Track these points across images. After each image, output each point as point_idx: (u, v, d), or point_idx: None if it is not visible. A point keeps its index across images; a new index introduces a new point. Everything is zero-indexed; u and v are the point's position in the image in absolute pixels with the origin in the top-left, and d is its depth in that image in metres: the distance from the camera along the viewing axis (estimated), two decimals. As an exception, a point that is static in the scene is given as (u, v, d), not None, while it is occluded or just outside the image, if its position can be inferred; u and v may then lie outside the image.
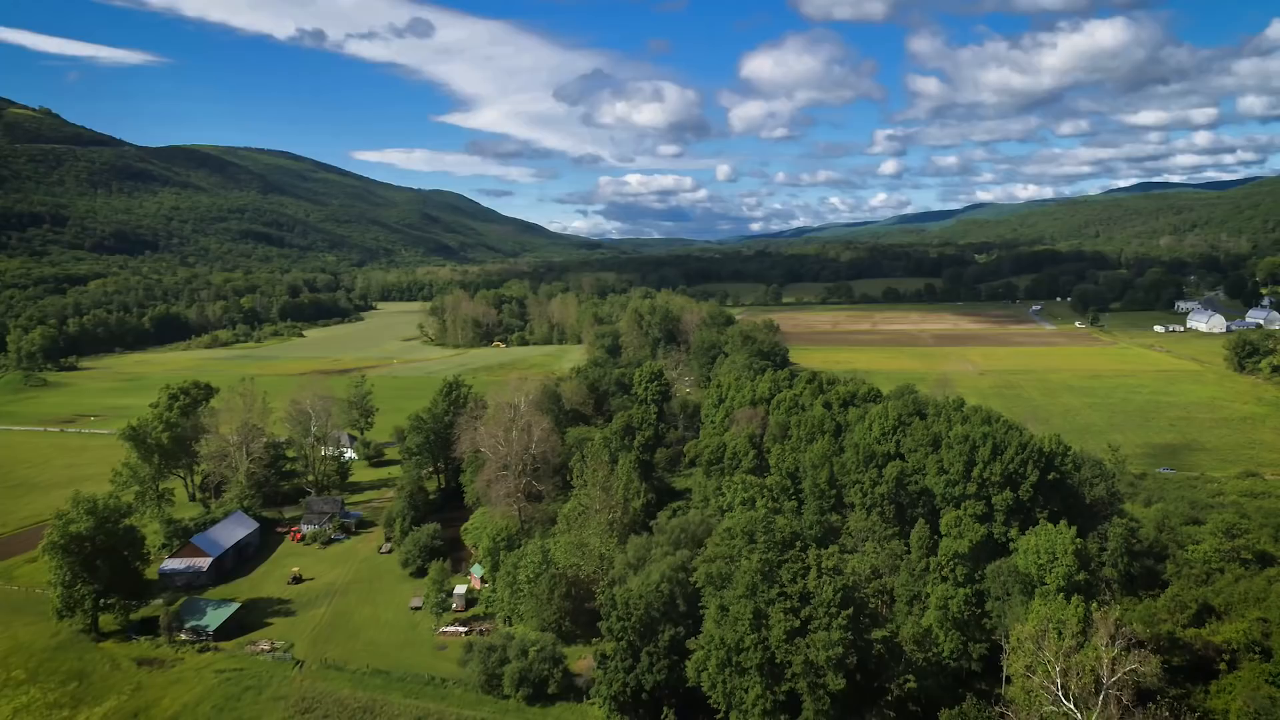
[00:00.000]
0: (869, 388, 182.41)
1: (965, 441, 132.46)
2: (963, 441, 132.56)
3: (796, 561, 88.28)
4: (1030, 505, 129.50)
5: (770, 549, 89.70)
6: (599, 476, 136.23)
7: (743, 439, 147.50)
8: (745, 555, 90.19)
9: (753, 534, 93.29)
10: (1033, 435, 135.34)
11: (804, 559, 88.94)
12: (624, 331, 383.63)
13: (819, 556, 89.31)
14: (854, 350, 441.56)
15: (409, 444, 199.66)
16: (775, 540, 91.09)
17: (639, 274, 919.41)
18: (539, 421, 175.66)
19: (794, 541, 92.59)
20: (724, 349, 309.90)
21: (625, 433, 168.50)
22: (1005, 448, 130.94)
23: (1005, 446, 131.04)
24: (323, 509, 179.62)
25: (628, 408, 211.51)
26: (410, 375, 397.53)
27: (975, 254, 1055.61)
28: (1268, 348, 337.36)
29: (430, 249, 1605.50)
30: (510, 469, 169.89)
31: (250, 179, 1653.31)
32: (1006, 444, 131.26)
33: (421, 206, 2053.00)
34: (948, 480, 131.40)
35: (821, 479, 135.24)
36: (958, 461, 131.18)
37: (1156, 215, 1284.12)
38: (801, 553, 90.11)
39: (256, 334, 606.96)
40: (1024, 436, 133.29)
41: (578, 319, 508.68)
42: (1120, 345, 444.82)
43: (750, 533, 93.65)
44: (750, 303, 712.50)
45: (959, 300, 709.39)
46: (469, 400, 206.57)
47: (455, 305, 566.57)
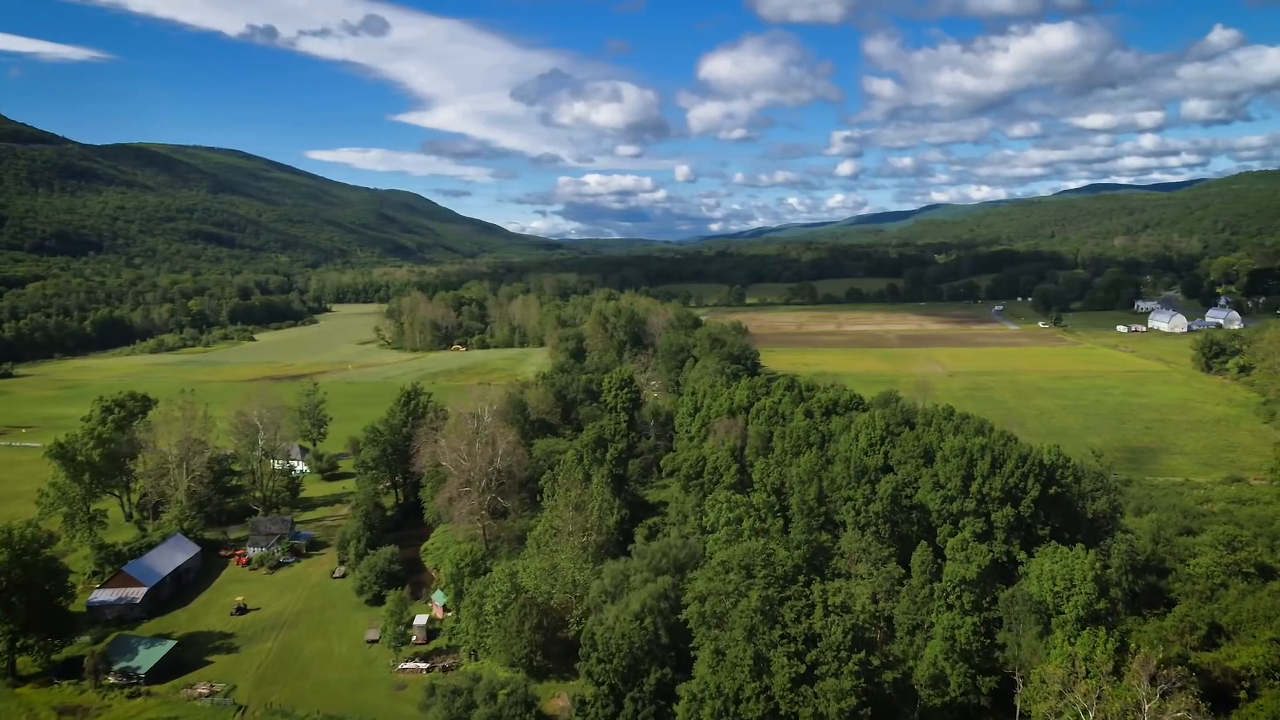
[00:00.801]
0: (851, 395, 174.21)
1: (962, 454, 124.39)
2: (959, 454, 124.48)
3: (800, 598, 79.13)
4: (1031, 521, 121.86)
5: (770, 584, 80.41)
6: (571, 496, 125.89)
7: (724, 452, 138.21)
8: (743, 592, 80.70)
9: (750, 568, 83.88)
10: (1031, 447, 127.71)
11: (808, 595, 79.84)
12: (588, 334, 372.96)
13: (824, 592, 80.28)
14: (821, 352, 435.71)
15: (364, 457, 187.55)
16: (776, 575, 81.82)
17: (600, 274, 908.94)
18: (504, 433, 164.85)
19: (796, 576, 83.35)
20: (692, 352, 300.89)
21: (597, 445, 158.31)
22: (1004, 461, 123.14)
23: (1004, 459, 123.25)
24: (270, 530, 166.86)
25: (597, 416, 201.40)
26: (366, 380, 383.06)
27: (934, 254, 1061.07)
28: (1234, 348, 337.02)
29: (387, 249, 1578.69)
30: (474, 485, 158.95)
31: (200, 178, 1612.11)
32: (1005, 456, 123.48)
33: (378, 206, 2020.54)
34: (944, 496, 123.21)
35: (810, 495, 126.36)
36: (955, 476, 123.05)
37: (1109, 216, 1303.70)
38: (805, 588, 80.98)
39: (205, 338, 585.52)
40: (1023, 448, 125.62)
41: (540, 321, 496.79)
42: (1085, 345, 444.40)
43: (748, 566, 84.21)
44: (714, 303, 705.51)
45: (921, 300, 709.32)
46: (428, 410, 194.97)
47: (413, 307, 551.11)
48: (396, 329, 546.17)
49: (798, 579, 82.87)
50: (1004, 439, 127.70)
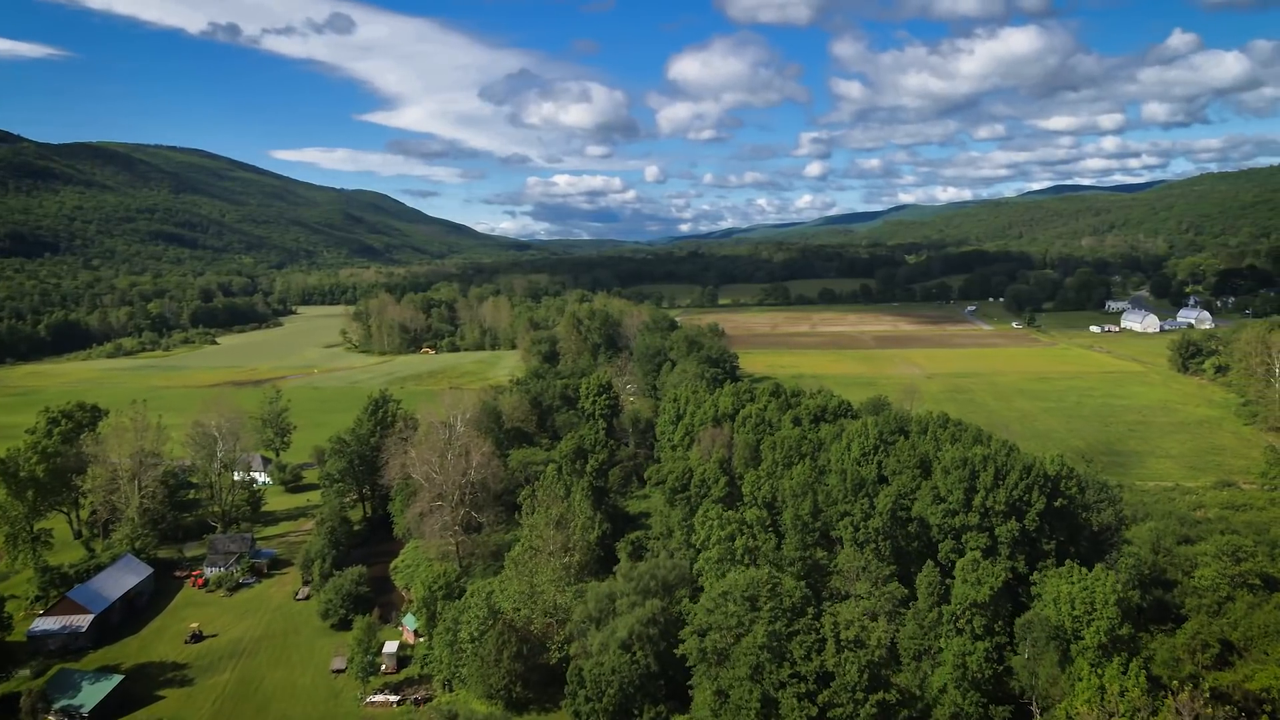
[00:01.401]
0: (839, 401, 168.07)
1: (964, 466, 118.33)
2: (961, 466, 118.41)
3: (810, 632, 72.21)
4: (1036, 536, 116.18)
5: (777, 617, 73.41)
6: (552, 513, 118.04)
7: (712, 464, 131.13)
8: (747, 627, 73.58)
9: (755, 599, 76.80)
10: (1035, 457, 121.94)
11: (818, 629, 72.90)
12: (562, 337, 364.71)
13: (837, 626, 73.38)
14: (797, 353, 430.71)
15: (330, 469, 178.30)
16: (783, 606, 74.83)
17: (571, 275, 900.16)
18: (478, 444, 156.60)
19: (805, 607, 76.40)
20: (669, 355, 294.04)
21: (576, 456, 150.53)
22: (1008, 472, 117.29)
23: (1008, 471, 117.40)
24: (229, 548, 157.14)
25: (575, 424, 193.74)
26: (332, 386, 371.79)
27: (905, 255, 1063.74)
28: (1210, 349, 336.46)
29: (354, 250, 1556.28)
30: (446, 499, 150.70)
31: (161, 177, 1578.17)
32: (1009, 468, 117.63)
33: (344, 206, 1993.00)
34: (946, 509, 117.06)
35: (804, 510, 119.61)
36: (957, 489, 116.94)
37: (1076, 217, 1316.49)
38: (815, 620, 74.07)
39: (165, 341, 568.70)
40: (1026, 459, 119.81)
41: (511, 323, 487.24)
42: (1060, 346, 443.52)
43: (752, 597, 77.12)
44: (687, 304, 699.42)
45: (894, 301, 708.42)
46: (397, 419, 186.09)
47: (381, 309, 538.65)
48: (364, 332, 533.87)
49: (806, 610, 75.93)
50: (1006, 449, 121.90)
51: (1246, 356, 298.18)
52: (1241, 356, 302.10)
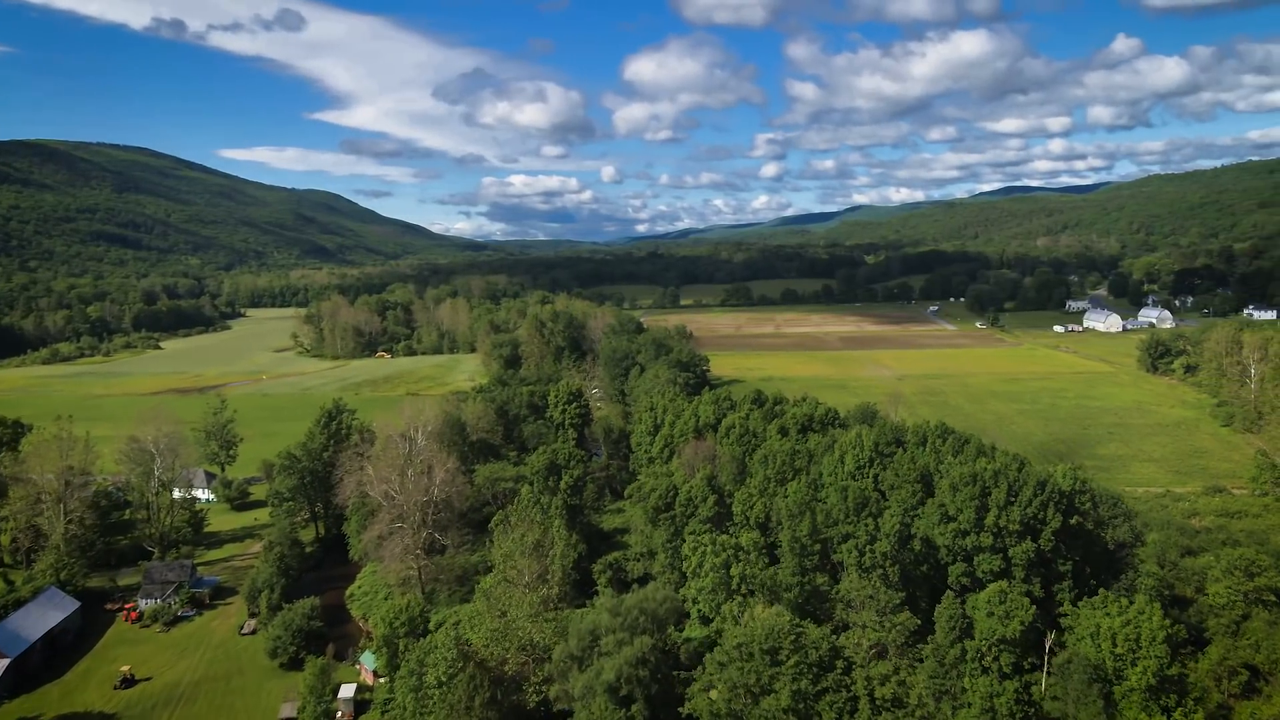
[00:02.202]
0: (826, 409, 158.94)
1: (974, 482, 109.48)
2: (970, 482, 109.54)
3: (840, 690, 62.29)
4: (1052, 556, 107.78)
5: (803, 674, 63.41)
6: (528, 541, 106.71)
7: (699, 482, 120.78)
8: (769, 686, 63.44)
9: (776, 652, 66.76)
10: (1049, 471, 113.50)
11: (849, 685, 63.04)
12: (524, 340, 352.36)
13: (870, 682, 63.58)
14: (764, 355, 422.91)
15: (279, 487, 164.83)
16: (808, 660, 64.86)
17: (529, 276, 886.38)
18: (441, 459, 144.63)
19: (834, 661, 66.51)
20: (637, 359, 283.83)
21: (549, 472, 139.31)
22: (1021, 488, 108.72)
23: (1020, 487, 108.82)
24: (166, 577, 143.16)
25: (543, 434, 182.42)
26: (282, 393, 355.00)
27: (863, 255, 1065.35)
28: (1178, 348, 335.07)
29: (305, 251, 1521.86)
30: (407, 520, 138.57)
31: (104, 176, 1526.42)
32: (1022, 484, 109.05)
33: (295, 206, 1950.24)
34: (956, 530, 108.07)
35: (802, 531, 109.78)
36: (968, 507, 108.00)
37: (1029, 217, 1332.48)
38: (845, 675, 64.17)
39: (105, 346, 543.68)
40: (1040, 473, 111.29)
41: (470, 326, 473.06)
42: (1026, 346, 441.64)
43: (773, 651, 67.06)
44: (648, 305, 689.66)
45: (856, 301, 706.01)
46: (353, 431, 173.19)
47: (334, 312, 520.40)
48: (316, 335, 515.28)
49: (835, 664, 66.04)
50: (1017, 463, 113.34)
51: (1217, 357, 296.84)
52: (1211, 357, 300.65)
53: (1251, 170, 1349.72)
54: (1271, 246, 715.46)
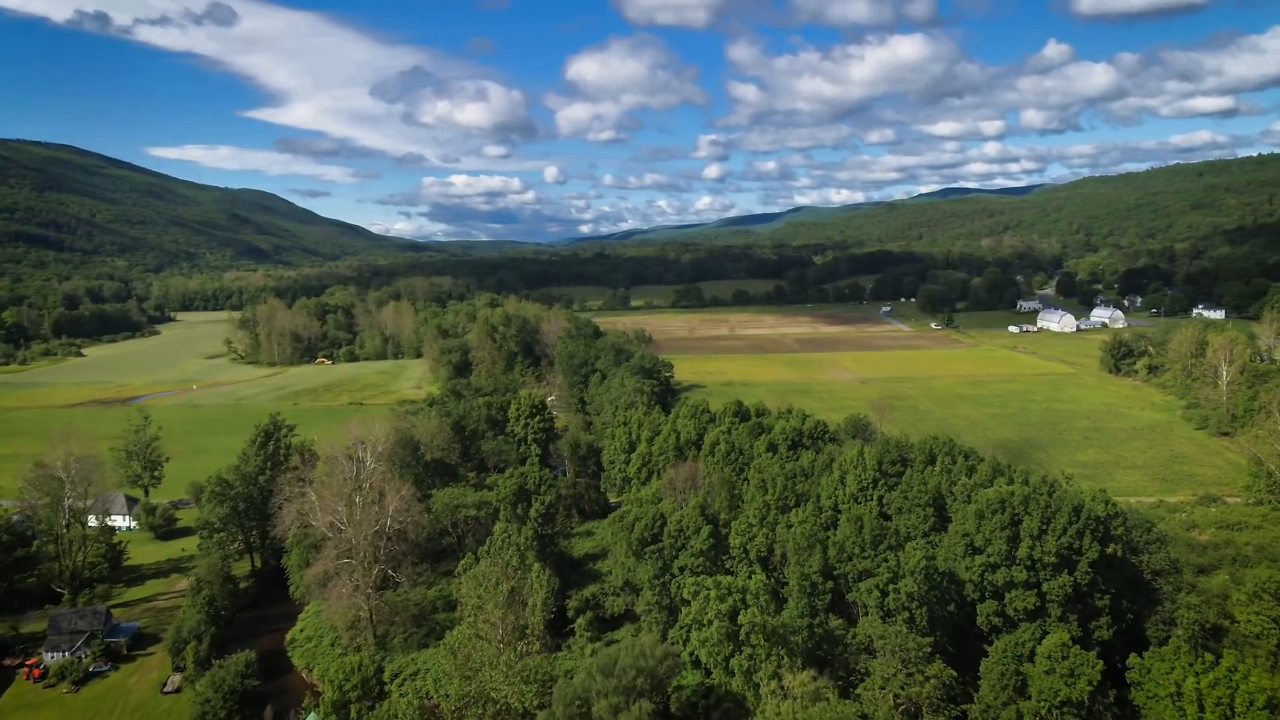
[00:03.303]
0: (815, 422, 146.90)
1: (1002, 509, 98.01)
2: (999, 509, 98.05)
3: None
4: (1089, 590, 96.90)
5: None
6: (503, 590, 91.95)
7: (691, 511, 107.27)
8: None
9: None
10: (1081, 495, 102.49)
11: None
12: (474, 345, 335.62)
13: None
14: (722, 359, 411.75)
15: (209, 516, 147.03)
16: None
17: (474, 278, 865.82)
18: (395, 486, 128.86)
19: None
20: (596, 365, 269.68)
21: (518, 498, 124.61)
22: (1054, 515, 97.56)
23: (1054, 513, 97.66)
24: (76, 625, 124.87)
25: (504, 451, 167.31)
26: (214, 403, 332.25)
27: (811, 255, 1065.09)
28: (1140, 349, 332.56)
29: (240, 251, 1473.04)
30: (356, 555, 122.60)
31: (23, 174, 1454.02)
32: (1055, 510, 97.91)
33: (229, 206, 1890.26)
34: (986, 563, 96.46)
35: (812, 568, 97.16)
36: (998, 537, 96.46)
37: (971, 218, 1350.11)
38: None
39: (22, 354, 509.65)
40: (1074, 498, 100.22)
41: (416, 330, 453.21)
42: (984, 347, 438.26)
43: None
44: (598, 307, 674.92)
45: (807, 302, 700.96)
46: (292, 452, 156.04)
47: (270, 315, 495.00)
48: (251, 340, 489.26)
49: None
50: (1048, 486, 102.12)
51: (1182, 358, 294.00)
52: (1176, 358, 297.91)
53: (1182, 173, 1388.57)
54: (1209, 246, 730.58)
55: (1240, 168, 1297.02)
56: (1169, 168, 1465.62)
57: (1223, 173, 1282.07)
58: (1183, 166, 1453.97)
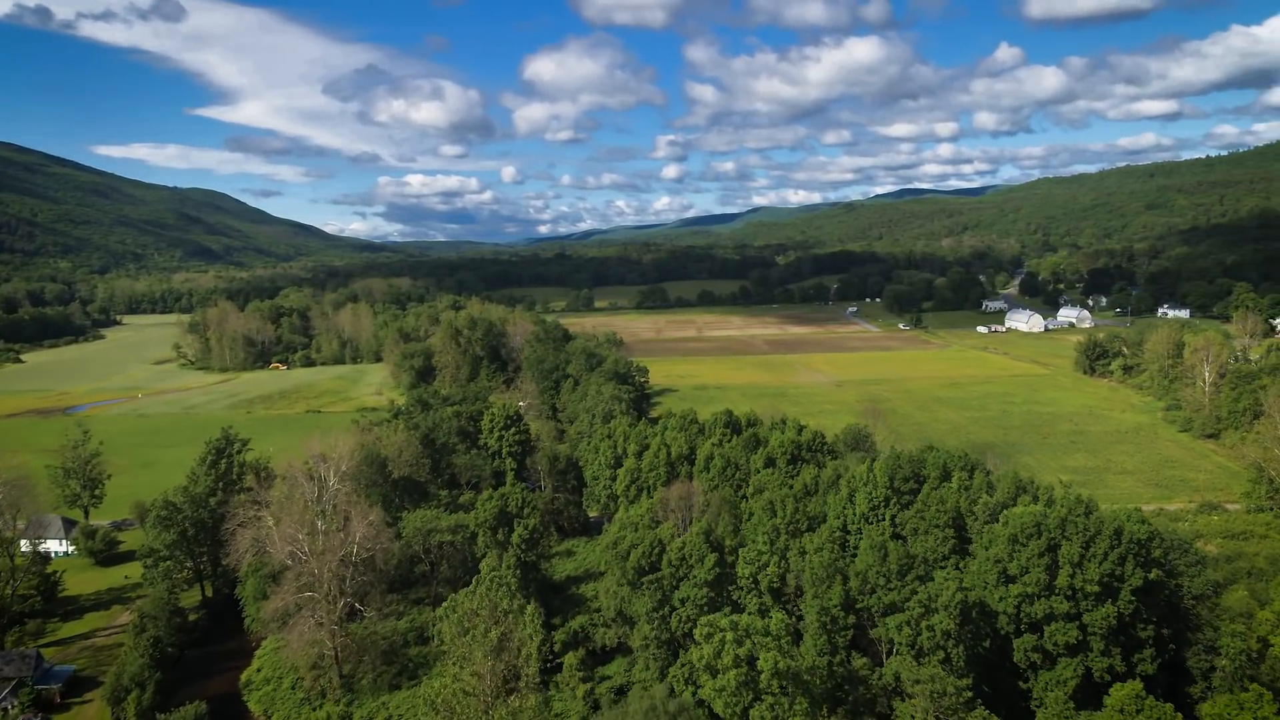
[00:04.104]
0: (813, 434, 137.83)
1: (1038, 533, 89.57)
2: (1034, 532, 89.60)
3: None
4: (1131, 621, 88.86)
5: None
6: (492, 639, 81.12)
7: (695, 537, 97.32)
8: None
9: None
10: (1119, 516, 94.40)
11: None
12: (438, 350, 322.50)
13: None
14: (691, 361, 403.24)
15: (154, 544, 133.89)
16: None
17: (433, 279, 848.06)
18: (361, 510, 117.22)
19: None
20: (567, 370, 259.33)
21: (499, 522, 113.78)
22: (1095, 539, 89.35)
23: (1094, 537, 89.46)
24: (3, 671, 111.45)
25: (478, 466, 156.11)
26: (161, 412, 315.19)
27: (773, 255, 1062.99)
28: (1115, 350, 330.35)
29: (190, 252, 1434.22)
30: (318, 588, 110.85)
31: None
32: (1095, 533, 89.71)
33: (178, 205, 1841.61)
34: (1022, 594, 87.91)
35: (832, 601, 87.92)
36: (1036, 565, 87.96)
37: (930, 218, 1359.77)
38: None
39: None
40: (1114, 519, 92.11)
41: (375, 333, 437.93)
42: (955, 348, 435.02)
43: None
44: (562, 308, 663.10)
45: (773, 302, 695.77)
46: (247, 471, 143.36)
47: (221, 319, 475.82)
48: (201, 345, 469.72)
49: None
50: (1083, 507, 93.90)
51: (1159, 359, 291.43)
52: (1153, 359, 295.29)
53: (1133, 174, 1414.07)
54: (1166, 246, 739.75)
55: (1189, 169, 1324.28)
56: (1121, 169, 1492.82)
57: (1173, 174, 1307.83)
58: (1134, 168, 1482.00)
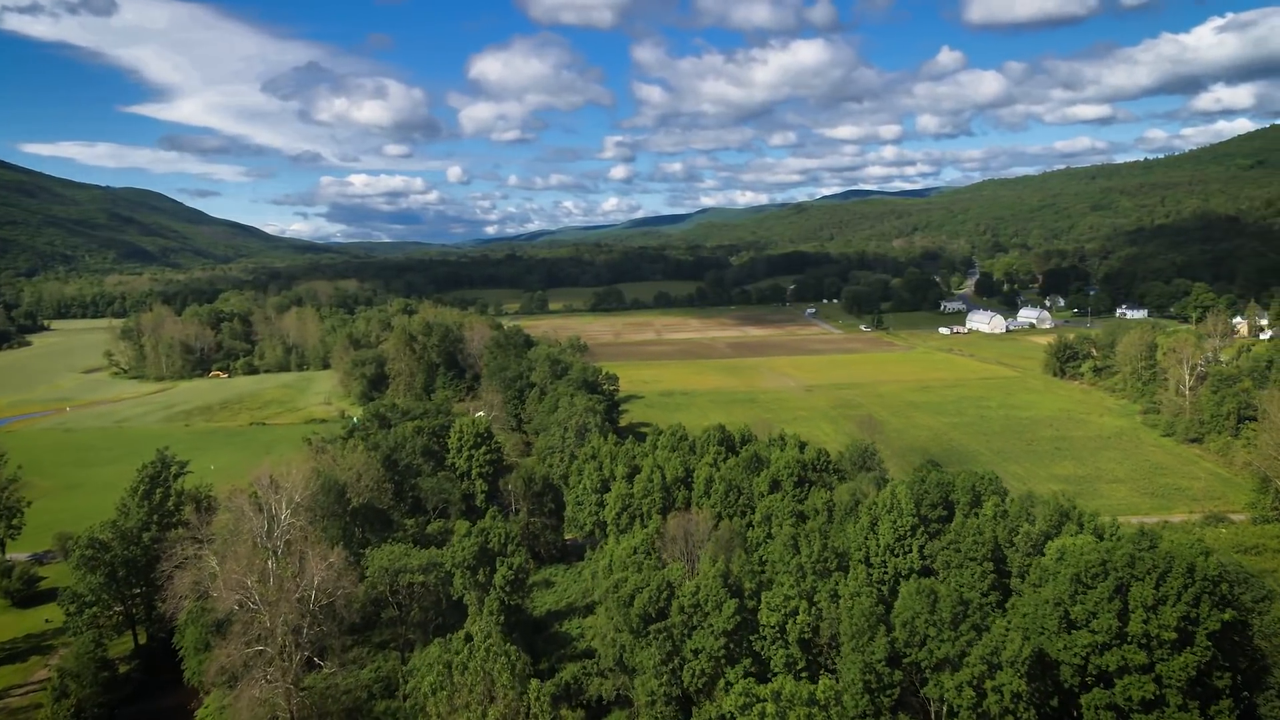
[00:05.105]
0: (816, 452, 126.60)
1: (1104, 572, 79.11)
2: (1103, 574, 79.11)
3: None
4: (1208, 669, 78.86)
5: None
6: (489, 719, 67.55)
7: (712, 581, 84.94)
8: None
9: None
10: (1183, 548, 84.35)
11: None
12: (391, 356, 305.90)
13: None
14: (654, 365, 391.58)
15: (78, 588, 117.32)
16: None
17: (380, 280, 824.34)
18: (320, 550, 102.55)
19: None
20: (531, 378, 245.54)
21: (480, 561, 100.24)
22: (1167, 576, 79.17)
23: (1166, 574, 79.27)
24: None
25: (446, 490, 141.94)
26: (91, 426, 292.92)
27: (726, 256, 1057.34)
28: (1085, 351, 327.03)
29: (124, 254, 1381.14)
30: (272, 643, 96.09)
31: None
32: (1166, 571, 79.52)
33: (111, 205, 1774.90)
34: (1091, 643, 77.31)
35: (875, 656, 76.33)
36: (1106, 611, 77.41)
37: (881, 219, 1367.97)
38: None
39: None
40: (1186, 554, 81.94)
41: (322, 338, 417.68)
42: (919, 350, 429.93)
43: None
44: (515, 310, 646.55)
45: (730, 304, 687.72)
46: (185, 501, 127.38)
47: (157, 324, 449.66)
48: (135, 352, 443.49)
49: None
50: (1148, 541, 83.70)
51: (1131, 360, 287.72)
52: (1126, 361, 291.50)
53: (1076, 176, 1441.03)
54: (1114, 246, 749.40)
55: (1129, 171, 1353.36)
56: (1064, 171, 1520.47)
57: (1114, 176, 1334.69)
58: (1076, 169, 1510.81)
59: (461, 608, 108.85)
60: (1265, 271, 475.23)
